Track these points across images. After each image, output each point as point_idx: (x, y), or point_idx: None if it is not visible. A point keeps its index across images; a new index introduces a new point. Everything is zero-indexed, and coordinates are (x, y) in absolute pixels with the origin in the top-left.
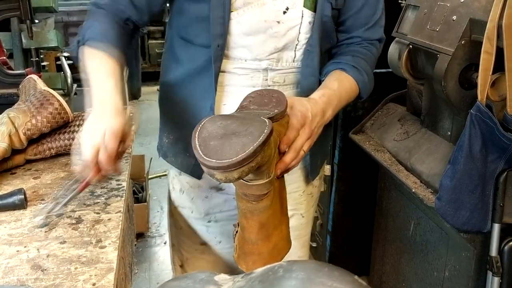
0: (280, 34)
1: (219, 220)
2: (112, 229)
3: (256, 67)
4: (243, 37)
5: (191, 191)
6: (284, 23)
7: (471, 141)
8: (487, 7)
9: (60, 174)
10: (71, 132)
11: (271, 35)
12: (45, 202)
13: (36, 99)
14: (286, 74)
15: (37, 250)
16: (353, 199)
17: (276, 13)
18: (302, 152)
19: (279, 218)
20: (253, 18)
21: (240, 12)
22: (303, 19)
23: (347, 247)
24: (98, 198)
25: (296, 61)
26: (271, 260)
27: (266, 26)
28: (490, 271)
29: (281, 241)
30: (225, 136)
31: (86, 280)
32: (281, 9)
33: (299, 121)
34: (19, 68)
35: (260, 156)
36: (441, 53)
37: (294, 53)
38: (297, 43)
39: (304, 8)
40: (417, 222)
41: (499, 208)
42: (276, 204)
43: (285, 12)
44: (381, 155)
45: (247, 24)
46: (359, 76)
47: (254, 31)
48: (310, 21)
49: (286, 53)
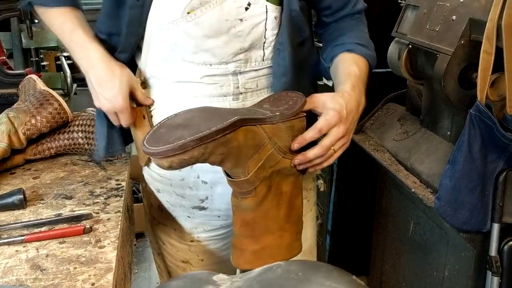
0: (244, 32)
1: (202, 240)
2: (111, 229)
3: (223, 71)
4: (204, 40)
5: (173, 210)
6: (247, 20)
7: (470, 141)
8: (486, 7)
9: (59, 174)
10: (71, 132)
11: (235, 34)
12: (44, 202)
13: (35, 99)
14: (258, 78)
15: (36, 250)
16: (352, 198)
17: (237, 10)
18: (331, 151)
19: (279, 224)
20: (212, 18)
21: (198, 13)
22: (268, 15)
23: (346, 247)
24: (97, 198)
25: (266, 60)
26: (256, 260)
27: (228, 26)
28: (490, 271)
29: (278, 248)
30: (178, 127)
31: (85, 280)
32: (243, 5)
33: (327, 120)
34: (19, 68)
35: (196, 151)
36: (441, 53)
37: (262, 52)
38: (264, 41)
39: (267, 3)
40: (417, 222)
41: (499, 208)
42: (274, 208)
43: (247, 8)
44: (380, 155)
45: (206, 25)
46: (368, 52)
47: (215, 32)
48: (276, 16)
49: (254, 52)
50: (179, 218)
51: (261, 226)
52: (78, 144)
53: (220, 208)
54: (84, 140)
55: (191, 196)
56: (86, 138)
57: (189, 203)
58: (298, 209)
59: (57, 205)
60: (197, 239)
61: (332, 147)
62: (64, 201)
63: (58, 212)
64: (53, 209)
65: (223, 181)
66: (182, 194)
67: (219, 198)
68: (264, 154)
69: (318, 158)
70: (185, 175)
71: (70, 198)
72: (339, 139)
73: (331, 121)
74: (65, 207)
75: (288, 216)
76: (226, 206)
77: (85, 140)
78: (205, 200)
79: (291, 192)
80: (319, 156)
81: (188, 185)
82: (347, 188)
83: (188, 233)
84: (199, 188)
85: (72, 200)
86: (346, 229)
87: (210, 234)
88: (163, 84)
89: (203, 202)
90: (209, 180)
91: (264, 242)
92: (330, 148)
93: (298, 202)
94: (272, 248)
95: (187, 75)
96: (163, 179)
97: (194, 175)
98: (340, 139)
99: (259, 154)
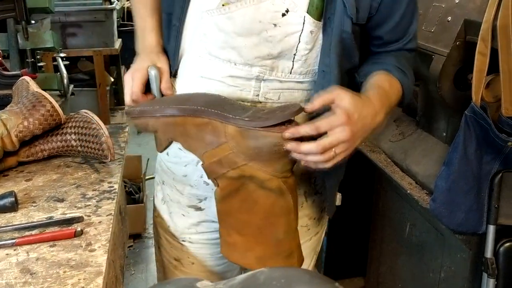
0: (276, 39)
1: (194, 242)
2: (103, 232)
3: (246, 74)
4: (233, 36)
5: (171, 205)
6: (281, 27)
7: (465, 142)
8: (482, 8)
9: (52, 176)
10: (64, 134)
11: (266, 39)
12: (36, 204)
13: (28, 101)
14: (282, 90)
15: (26, 253)
16: (349, 199)
17: (273, 14)
18: (331, 153)
19: (251, 231)
20: (246, 16)
21: (232, 7)
22: (304, 27)
23: (343, 248)
24: (89, 201)
25: (294, 73)
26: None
27: (261, 28)
28: (486, 273)
29: (246, 250)
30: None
31: (75, 284)
32: (280, 10)
33: (330, 119)
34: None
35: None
36: (436, 54)
37: (292, 64)
38: (295, 53)
39: (306, 14)
40: (413, 223)
41: (494, 210)
42: (242, 213)
43: (284, 14)
44: (376, 156)
45: (238, 22)
46: (405, 79)
47: (246, 31)
48: (313, 31)
49: (283, 62)
50: (175, 215)
51: (228, 222)
52: (71, 146)
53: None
54: (77, 142)
55: (190, 194)
56: (79, 140)
57: (186, 201)
58: (278, 228)
59: (48, 208)
60: (189, 239)
61: (334, 149)
62: (56, 204)
63: (49, 215)
64: (44, 212)
65: None
66: (181, 190)
67: None
68: (222, 152)
69: (313, 156)
70: (189, 172)
71: (62, 200)
72: (342, 142)
73: (334, 121)
74: (56, 210)
75: (262, 230)
76: None
77: (78, 142)
78: (203, 200)
79: (270, 208)
80: (314, 153)
81: (190, 183)
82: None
83: (181, 232)
84: (200, 188)
85: (64, 202)
86: (343, 231)
87: (202, 236)
88: (187, 77)
89: (200, 202)
90: (211, 182)
91: (233, 238)
92: (330, 149)
93: (280, 221)
94: (241, 248)
95: (211, 70)
96: (169, 171)
97: (197, 174)
98: (343, 143)
99: (214, 149)
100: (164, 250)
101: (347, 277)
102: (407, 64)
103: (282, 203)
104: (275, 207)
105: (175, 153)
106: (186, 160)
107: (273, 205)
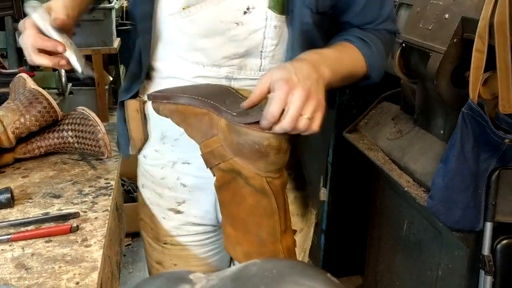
0: (240, 37)
1: (175, 244)
2: (99, 227)
3: (216, 74)
4: (197, 39)
5: (152, 208)
6: (244, 25)
7: (463, 139)
8: (479, 5)
9: (49, 173)
10: (61, 131)
11: (230, 38)
12: (32, 200)
13: (25, 97)
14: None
15: (22, 249)
16: (347, 197)
17: (235, 13)
18: (304, 119)
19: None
20: (207, 18)
21: (193, 10)
22: (267, 22)
23: (341, 246)
24: (85, 197)
25: (263, 70)
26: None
27: (223, 28)
28: (483, 270)
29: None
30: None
31: (70, 279)
32: (241, 8)
33: (277, 95)
34: (13, 67)
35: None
36: (434, 52)
37: (260, 61)
38: (262, 50)
39: (268, 10)
40: (411, 221)
41: (492, 207)
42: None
43: (245, 12)
44: (374, 154)
45: (200, 24)
46: (366, 49)
47: (209, 32)
48: (277, 26)
49: (251, 60)
50: (155, 218)
51: (224, 212)
52: (68, 143)
53: (196, 214)
54: (74, 139)
55: (169, 197)
56: (76, 137)
57: (165, 204)
58: (261, 228)
59: (45, 204)
60: (170, 242)
61: (304, 115)
62: (52, 200)
63: (45, 211)
64: (41, 208)
65: (202, 187)
66: (160, 193)
67: (196, 203)
68: (214, 144)
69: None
70: (166, 175)
71: (58, 197)
72: (305, 104)
73: (281, 95)
74: (53, 206)
75: (248, 227)
76: (202, 214)
77: (75, 139)
78: (182, 203)
79: (255, 206)
80: (290, 125)
81: (167, 185)
82: (342, 187)
83: (162, 235)
84: (177, 190)
85: (60, 199)
86: (341, 228)
87: (184, 239)
88: (160, 77)
89: (179, 206)
90: (189, 184)
91: (227, 230)
92: (300, 116)
93: (263, 222)
94: (232, 240)
95: (181, 72)
96: (147, 174)
97: (174, 176)
98: (306, 104)
99: (208, 140)
100: (147, 253)
101: (345, 275)
102: (377, 39)
103: (265, 203)
104: (259, 206)
105: (152, 155)
106: (163, 162)
107: (257, 204)
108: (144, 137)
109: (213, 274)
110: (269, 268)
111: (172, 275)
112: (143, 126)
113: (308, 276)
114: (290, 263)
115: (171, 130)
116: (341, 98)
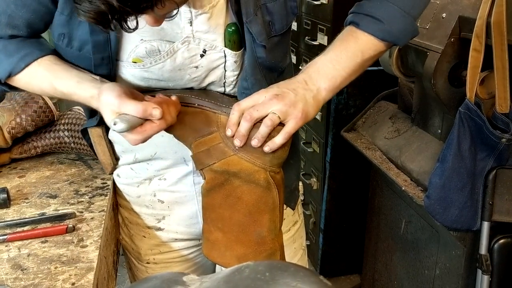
0: (200, 78)
1: (158, 262)
2: (95, 228)
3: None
4: (156, 82)
5: (131, 227)
6: (203, 67)
7: (460, 139)
8: (476, 5)
9: (45, 173)
10: (57, 131)
11: (190, 80)
12: (28, 201)
13: (20, 97)
14: None
15: (18, 250)
16: (345, 197)
17: (191, 58)
18: (272, 115)
19: (233, 230)
20: (163, 69)
21: (147, 63)
22: (226, 59)
23: (339, 245)
24: (82, 197)
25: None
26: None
27: (182, 74)
28: (480, 269)
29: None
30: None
31: (66, 280)
32: (198, 53)
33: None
34: None
35: None
36: (431, 51)
37: (223, 88)
38: (224, 81)
39: (225, 48)
40: (408, 220)
41: (489, 206)
42: (224, 209)
43: (202, 55)
44: (372, 153)
45: (158, 73)
46: (373, 26)
47: (168, 79)
48: (236, 60)
49: (214, 88)
50: (135, 237)
51: (211, 217)
52: (64, 143)
53: (178, 230)
54: (70, 139)
55: (147, 215)
56: (72, 137)
57: (145, 222)
58: (262, 225)
59: (41, 204)
60: (153, 261)
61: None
62: (49, 200)
63: (42, 212)
64: (37, 208)
65: (180, 201)
66: (139, 212)
67: (177, 219)
68: (212, 142)
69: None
70: (142, 193)
71: (54, 197)
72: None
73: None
74: (49, 206)
75: (245, 227)
76: (183, 229)
77: (71, 139)
78: (162, 220)
79: (255, 204)
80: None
81: (145, 203)
82: (340, 186)
83: (144, 254)
84: (156, 207)
85: (57, 199)
86: (339, 227)
87: (167, 256)
88: None
89: (159, 222)
90: (166, 200)
91: (215, 235)
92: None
93: (264, 218)
94: (221, 246)
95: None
96: (123, 193)
97: (150, 193)
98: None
99: (204, 138)
100: (131, 272)
101: (343, 274)
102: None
103: (268, 197)
104: (260, 202)
105: (126, 174)
106: (138, 180)
107: (258, 200)
108: (112, 161)
109: (206, 277)
110: (261, 271)
111: (166, 277)
112: (110, 152)
113: (300, 278)
114: (283, 265)
115: (142, 152)
116: (339, 98)
